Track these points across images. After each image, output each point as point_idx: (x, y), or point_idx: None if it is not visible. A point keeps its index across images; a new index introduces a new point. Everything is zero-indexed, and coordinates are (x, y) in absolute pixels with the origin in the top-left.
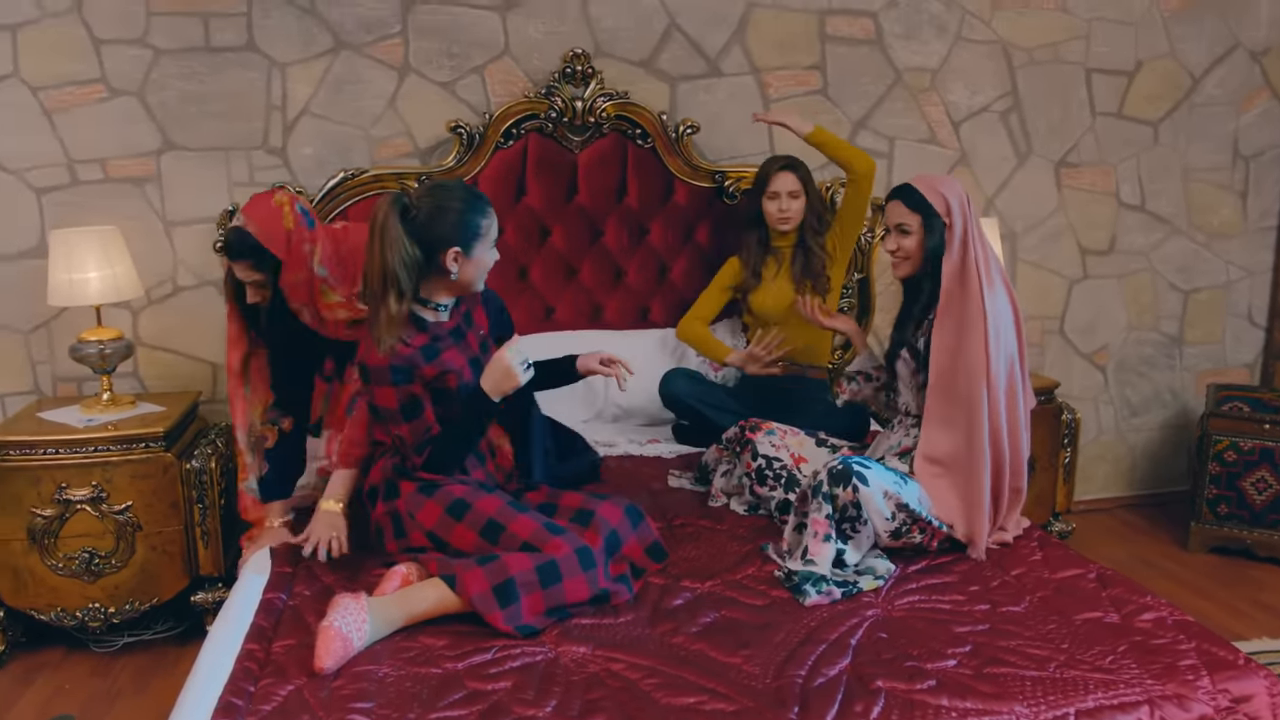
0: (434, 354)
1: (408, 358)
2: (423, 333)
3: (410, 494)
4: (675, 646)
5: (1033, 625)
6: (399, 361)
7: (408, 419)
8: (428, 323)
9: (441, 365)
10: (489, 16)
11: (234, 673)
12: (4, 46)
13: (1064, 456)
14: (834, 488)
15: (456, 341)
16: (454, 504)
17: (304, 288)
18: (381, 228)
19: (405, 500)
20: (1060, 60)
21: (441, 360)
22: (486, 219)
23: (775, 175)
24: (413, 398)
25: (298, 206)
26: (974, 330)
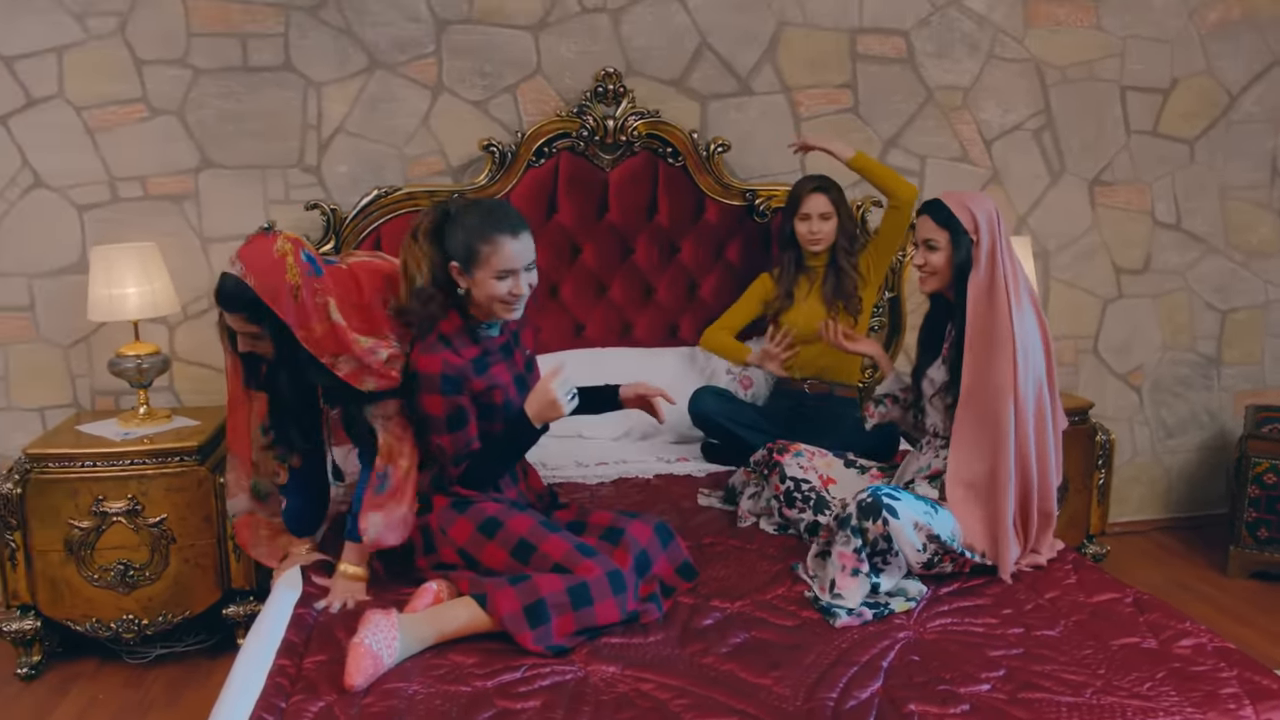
0: (484, 368)
1: (459, 368)
2: (475, 345)
3: (443, 509)
4: (705, 667)
5: (1068, 650)
6: (451, 371)
7: (451, 430)
8: (480, 335)
9: (490, 380)
10: (522, 36)
11: (265, 688)
12: (50, 68)
13: (1098, 478)
14: (863, 521)
15: (505, 358)
16: (486, 522)
17: (330, 339)
18: (418, 227)
19: (437, 515)
20: (1094, 78)
21: (491, 375)
22: (489, 245)
23: (807, 197)
24: (459, 409)
25: (302, 254)
26: (1001, 350)
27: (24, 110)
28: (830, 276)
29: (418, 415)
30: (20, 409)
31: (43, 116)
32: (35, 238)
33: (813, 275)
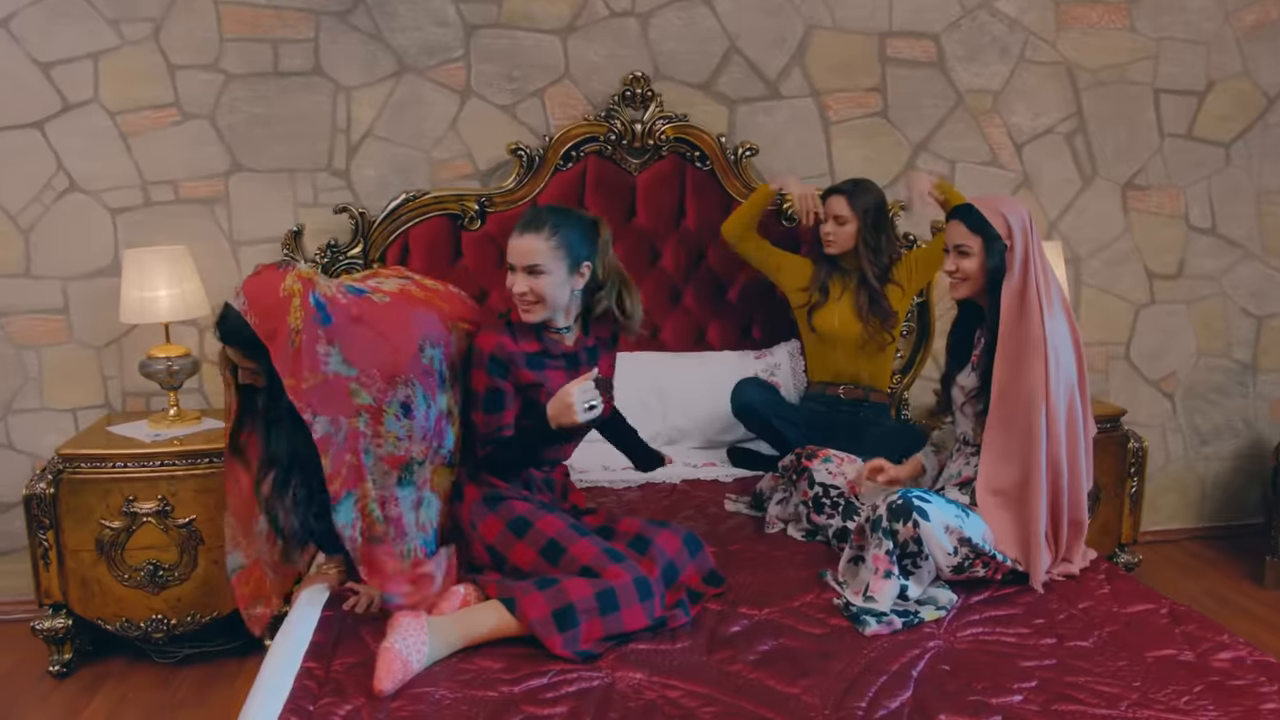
0: (539, 365)
1: (510, 354)
2: (536, 341)
3: (475, 503)
4: (733, 674)
5: (1102, 661)
6: (501, 354)
7: (486, 409)
8: (544, 336)
9: (540, 378)
10: (549, 40)
11: (293, 691)
12: (86, 73)
13: (1130, 486)
14: (894, 523)
15: (569, 367)
16: (516, 520)
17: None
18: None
19: (469, 509)
20: (1127, 81)
21: (543, 374)
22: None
23: (828, 200)
24: (499, 392)
25: (312, 297)
26: (1033, 357)
27: (60, 115)
28: (864, 290)
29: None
30: (53, 410)
31: (78, 121)
32: (70, 241)
33: (846, 278)
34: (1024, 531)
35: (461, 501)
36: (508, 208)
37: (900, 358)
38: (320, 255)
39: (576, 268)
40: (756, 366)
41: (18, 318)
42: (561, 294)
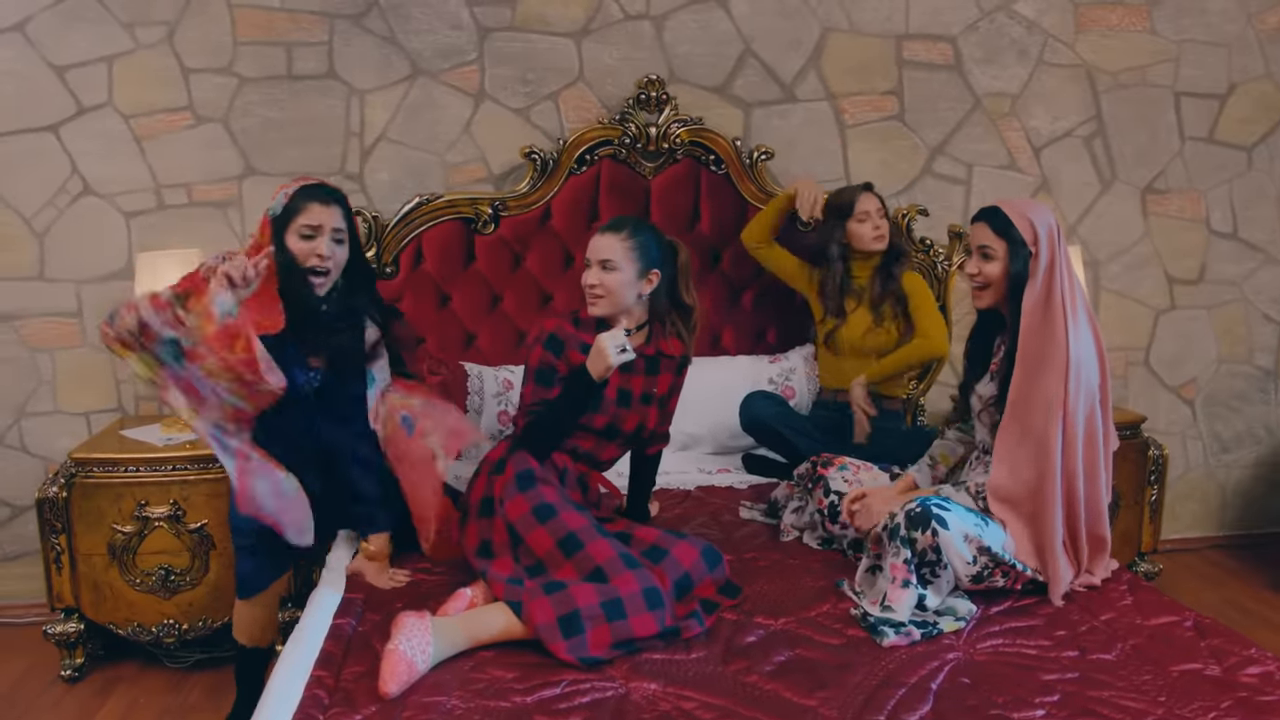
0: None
1: (567, 335)
2: (592, 334)
3: (508, 481)
4: (749, 686)
5: (1126, 675)
6: (560, 334)
7: (536, 381)
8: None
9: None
10: (564, 43)
11: (303, 700)
12: (100, 77)
13: (1150, 494)
14: (912, 531)
15: (622, 368)
16: (542, 506)
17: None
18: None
19: (503, 485)
20: (1147, 83)
21: None
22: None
23: (861, 196)
24: (551, 368)
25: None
26: (1053, 367)
27: (75, 119)
28: (876, 283)
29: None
30: (66, 413)
31: (92, 125)
32: (83, 244)
33: (859, 292)
34: (1039, 542)
35: (501, 474)
36: (521, 211)
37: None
38: None
39: (646, 272)
40: (771, 371)
41: (32, 320)
42: (628, 293)
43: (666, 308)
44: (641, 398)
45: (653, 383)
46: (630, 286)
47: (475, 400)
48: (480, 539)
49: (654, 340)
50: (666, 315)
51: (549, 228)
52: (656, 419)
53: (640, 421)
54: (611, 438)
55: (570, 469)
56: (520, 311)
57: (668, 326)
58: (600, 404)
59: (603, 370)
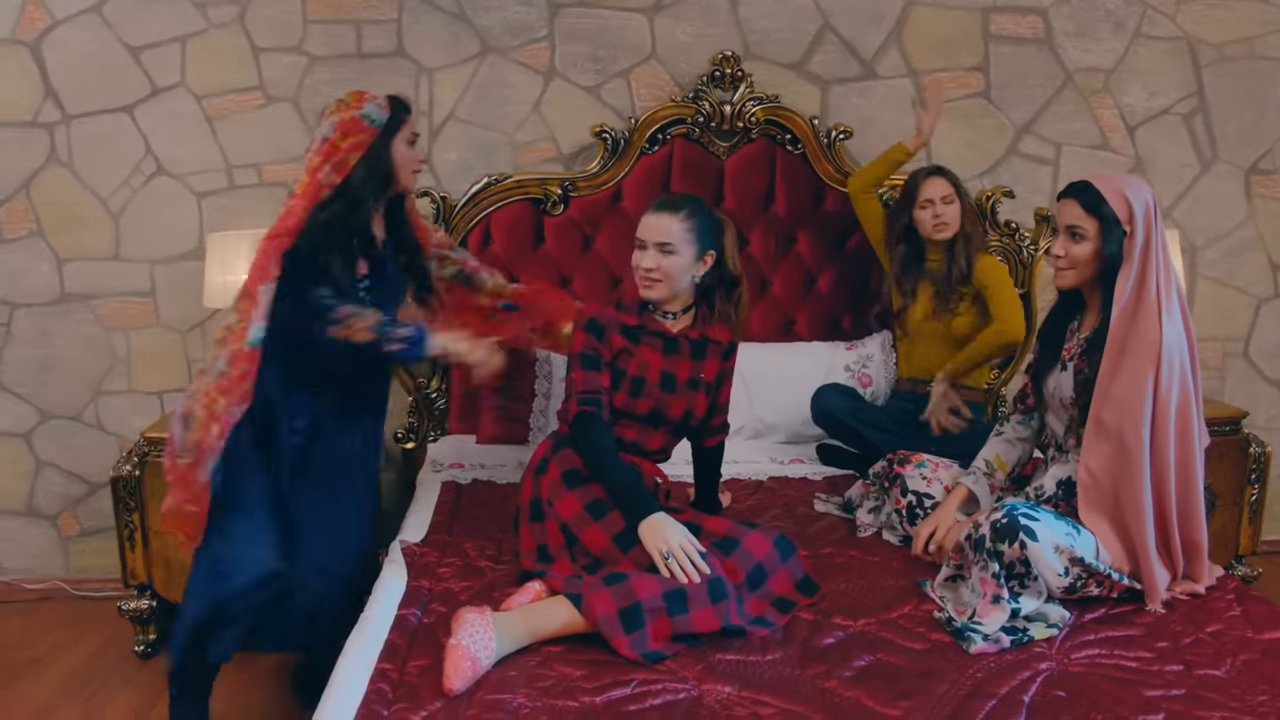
0: (634, 338)
1: (609, 319)
2: (634, 317)
3: (554, 481)
4: (828, 692)
5: (1238, 695)
6: (601, 318)
7: (584, 367)
8: (646, 314)
9: (631, 351)
10: (636, 19)
11: (367, 695)
12: (173, 57)
13: (1250, 494)
14: (999, 544)
15: (665, 350)
16: (594, 502)
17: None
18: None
19: (549, 485)
20: (1255, 56)
21: (639, 348)
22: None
23: (925, 182)
24: (596, 351)
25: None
26: (1145, 360)
27: (149, 99)
28: (945, 266)
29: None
30: (140, 392)
31: (165, 105)
32: (157, 225)
33: (934, 275)
34: (1130, 546)
35: (545, 474)
36: (591, 192)
37: None
38: None
39: (702, 255)
40: (847, 358)
41: (108, 300)
42: (684, 277)
43: (714, 286)
44: (688, 383)
45: (699, 368)
46: (688, 270)
47: (544, 385)
48: (535, 544)
49: (699, 324)
50: (715, 296)
51: (620, 209)
52: (705, 406)
53: (688, 408)
54: (657, 425)
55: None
56: (590, 294)
57: (716, 310)
58: (642, 389)
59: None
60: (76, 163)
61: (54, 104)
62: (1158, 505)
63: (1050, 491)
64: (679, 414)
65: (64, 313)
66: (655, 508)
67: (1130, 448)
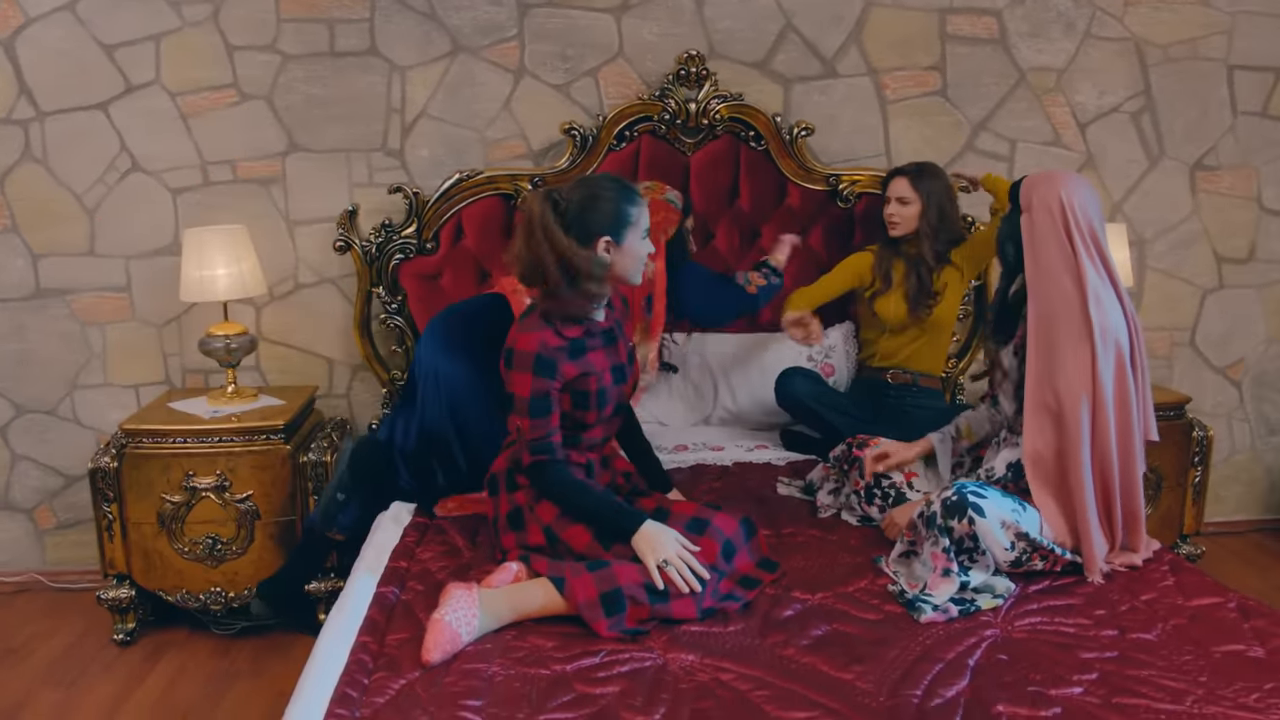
0: (580, 352)
1: (555, 351)
2: (577, 325)
3: (529, 487)
4: (786, 659)
5: (1166, 655)
6: (546, 354)
7: (532, 415)
8: (585, 319)
9: (584, 366)
10: (604, 19)
11: (348, 665)
12: (148, 55)
13: (1193, 476)
14: (949, 520)
15: (606, 344)
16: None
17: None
18: (539, 222)
19: (525, 493)
20: (1199, 57)
21: (586, 360)
22: (636, 207)
23: (890, 181)
24: (546, 395)
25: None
26: (1072, 342)
27: (123, 96)
28: (913, 275)
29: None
30: (117, 386)
31: (140, 102)
32: (132, 220)
33: (907, 263)
34: (1073, 521)
35: (518, 490)
36: None
37: (956, 341)
38: (375, 235)
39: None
40: (811, 349)
41: (83, 295)
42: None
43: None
44: (628, 360)
45: (625, 339)
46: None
47: None
48: (519, 548)
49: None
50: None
51: None
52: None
53: (634, 381)
54: (618, 413)
55: (592, 460)
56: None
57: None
58: (605, 397)
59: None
60: (51, 159)
61: (28, 101)
62: (1100, 479)
63: (1000, 474)
64: (631, 392)
65: (39, 308)
66: (641, 519)
67: (1071, 427)
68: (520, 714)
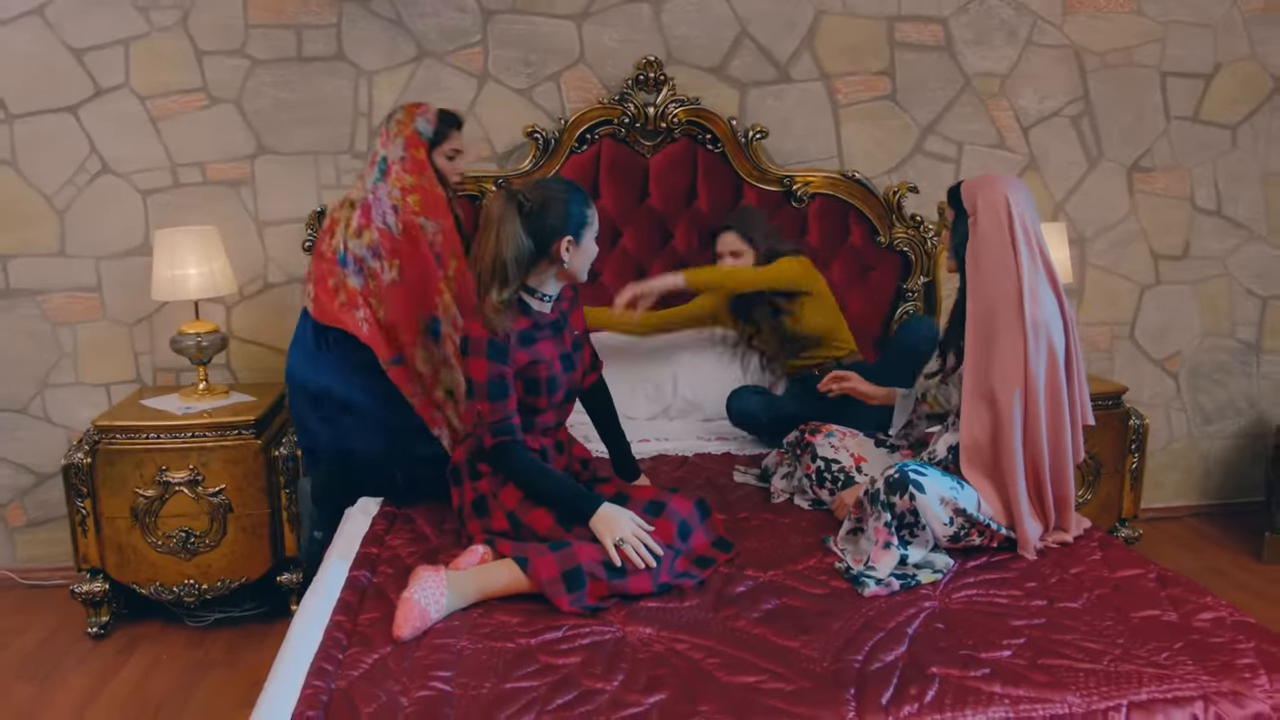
0: (530, 341)
1: (506, 338)
2: (525, 318)
3: (491, 474)
4: (737, 630)
5: (1089, 621)
6: (498, 339)
7: (491, 398)
8: (531, 309)
9: (534, 354)
10: (565, 26)
11: (324, 642)
12: (117, 59)
13: (1130, 462)
14: (891, 496)
15: (554, 334)
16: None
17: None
18: (500, 219)
19: (488, 481)
20: (1134, 64)
21: (535, 349)
22: (591, 209)
23: (717, 237)
24: (501, 378)
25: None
26: (1008, 335)
27: (93, 100)
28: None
29: (467, 380)
30: (88, 384)
31: (110, 106)
32: (103, 222)
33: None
34: (1006, 501)
35: (481, 478)
36: None
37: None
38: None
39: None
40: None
41: (54, 295)
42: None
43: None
44: (574, 348)
45: (573, 328)
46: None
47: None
48: (484, 533)
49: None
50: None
51: None
52: (590, 354)
53: (584, 369)
54: (569, 399)
55: (546, 445)
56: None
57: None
58: (556, 383)
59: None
60: (20, 161)
61: None
62: (1031, 465)
63: (941, 455)
64: (580, 378)
65: (8, 308)
66: (598, 501)
67: (1004, 415)
68: (487, 683)
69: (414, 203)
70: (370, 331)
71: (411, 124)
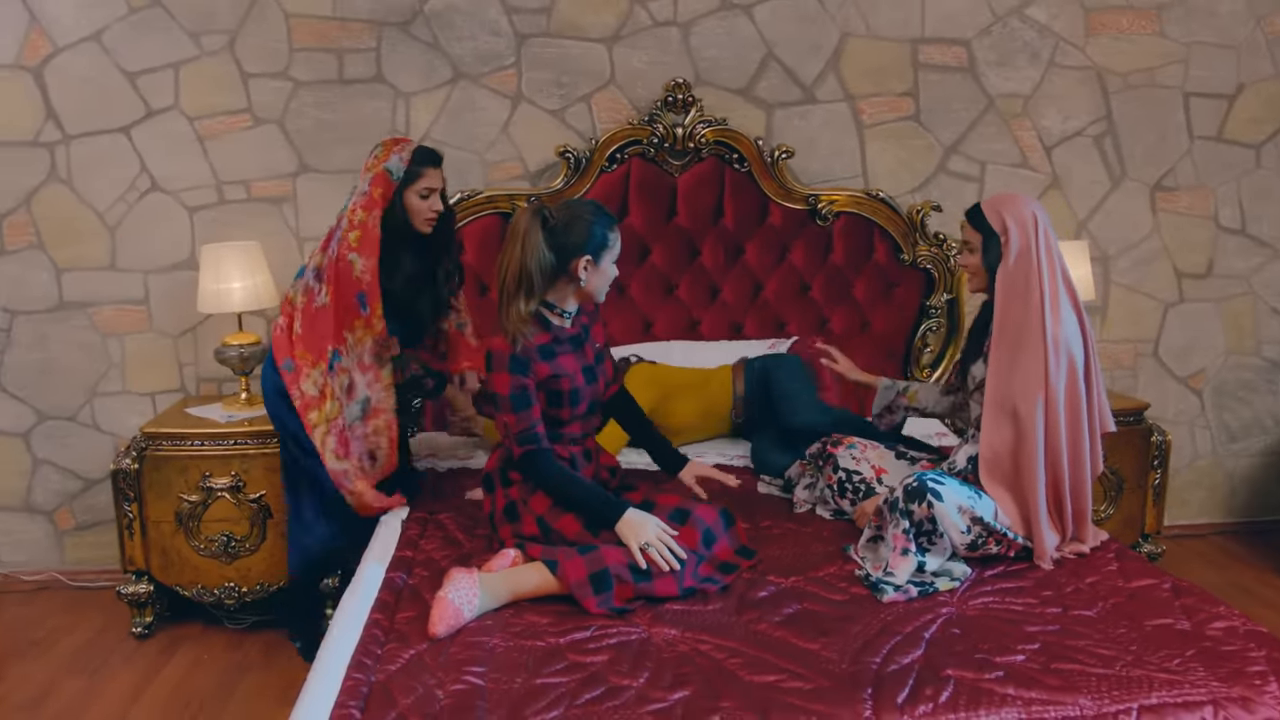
0: (551, 355)
1: (528, 351)
2: (545, 333)
3: (522, 482)
4: (759, 633)
5: (1103, 628)
6: (520, 353)
7: (515, 410)
8: (551, 325)
9: (556, 368)
10: (596, 49)
11: (363, 638)
12: (168, 82)
13: (1153, 478)
14: (909, 504)
15: (575, 349)
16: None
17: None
18: (525, 232)
19: (518, 488)
20: (1156, 85)
21: (557, 363)
22: (614, 233)
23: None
24: (524, 390)
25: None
26: (1031, 350)
27: (144, 121)
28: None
29: (489, 394)
30: (134, 394)
31: (160, 126)
32: (151, 237)
33: None
34: (1024, 512)
35: (512, 485)
36: None
37: (930, 352)
38: None
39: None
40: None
41: (104, 308)
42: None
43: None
44: (596, 362)
45: (593, 342)
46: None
47: None
48: (515, 538)
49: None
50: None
51: None
52: (611, 367)
53: (606, 381)
54: (593, 411)
55: (575, 453)
56: None
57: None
58: (579, 395)
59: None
60: (75, 180)
61: (54, 125)
62: (1051, 478)
63: (961, 466)
64: (603, 390)
65: (61, 319)
66: (624, 507)
67: (1026, 428)
68: (518, 679)
69: (353, 239)
70: (278, 336)
71: (384, 162)
